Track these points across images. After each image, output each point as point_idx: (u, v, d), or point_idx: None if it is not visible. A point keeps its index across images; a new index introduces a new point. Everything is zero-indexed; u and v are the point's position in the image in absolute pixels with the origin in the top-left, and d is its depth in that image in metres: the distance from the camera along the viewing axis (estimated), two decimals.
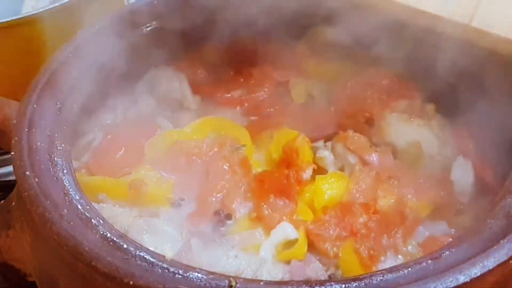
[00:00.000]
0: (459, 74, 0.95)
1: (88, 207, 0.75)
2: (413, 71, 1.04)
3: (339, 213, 0.82)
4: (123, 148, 0.95)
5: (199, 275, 0.67)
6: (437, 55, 0.96)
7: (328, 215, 0.83)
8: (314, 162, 0.91)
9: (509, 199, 0.75)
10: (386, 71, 1.02)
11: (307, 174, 0.88)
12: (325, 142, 0.96)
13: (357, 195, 0.85)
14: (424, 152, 0.92)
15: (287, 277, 0.77)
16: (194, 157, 0.91)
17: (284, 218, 0.83)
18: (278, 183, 0.86)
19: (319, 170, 0.92)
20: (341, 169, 0.93)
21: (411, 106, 0.99)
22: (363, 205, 0.83)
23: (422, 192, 0.86)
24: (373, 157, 0.91)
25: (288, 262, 0.79)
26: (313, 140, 0.95)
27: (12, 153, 0.80)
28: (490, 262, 0.65)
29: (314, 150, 0.93)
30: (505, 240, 0.68)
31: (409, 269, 0.67)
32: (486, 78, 0.93)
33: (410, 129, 0.95)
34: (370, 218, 0.82)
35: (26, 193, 0.75)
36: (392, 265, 0.72)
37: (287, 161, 0.90)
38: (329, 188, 0.87)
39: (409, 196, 0.85)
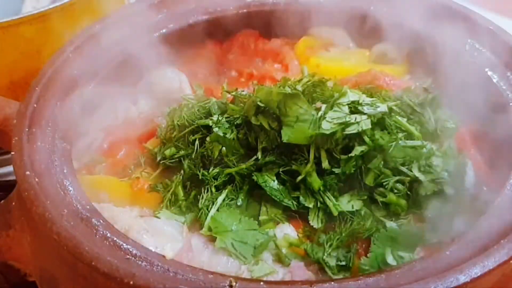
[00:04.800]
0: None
1: (88, 207, 0.75)
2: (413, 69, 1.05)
3: None
4: (124, 149, 0.95)
5: (199, 275, 0.67)
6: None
7: None
8: None
9: (509, 200, 0.75)
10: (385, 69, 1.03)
11: None
12: None
13: None
14: None
15: (287, 277, 0.77)
16: None
17: None
18: None
19: None
20: None
21: None
22: None
23: None
24: None
25: (288, 262, 0.79)
26: None
27: (12, 153, 0.80)
28: (490, 262, 0.65)
29: None
30: (505, 240, 0.68)
31: (410, 269, 0.67)
32: None
33: None
34: None
35: (26, 193, 0.75)
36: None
37: None
38: None
39: None
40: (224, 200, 0.82)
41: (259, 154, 0.84)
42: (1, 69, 1.14)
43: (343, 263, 0.77)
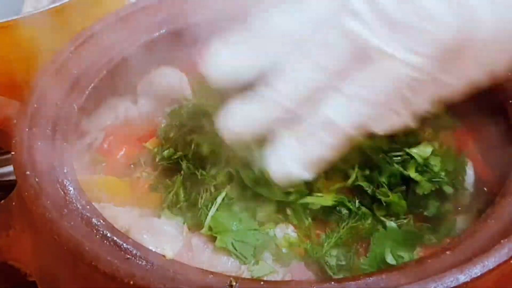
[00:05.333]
0: None
1: (88, 206, 0.75)
2: None
3: None
4: (124, 148, 0.95)
5: (199, 275, 0.67)
6: None
7: None
8: None
9: (509, 199, 0.75)
10: None
11: None
12: None
13: None
14: None
15: (287, 277, 0.77)
16: None
17: None
18: None
19: None
20: None
21: None
22: None
23: None
24: None
25: (288, 262, 0.79)
26: None
27: (12, 153, 0.80)
28: (490, 262, 0.65)
29: None
30: (506, 240, 0.68)
31: (410, 269, 0.67)
32: None
33: None
34: None
35: (26, 193, 0.75)
36: None
37: None
38: None
39: None
40: (223, 199, 0.82)
41: None
42: (1, 69, 1.14)
43: (343, 262, 0.77)
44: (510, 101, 0.90)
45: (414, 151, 0.83)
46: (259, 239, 0.79)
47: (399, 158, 0.83)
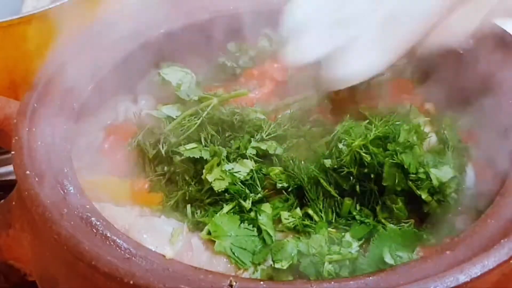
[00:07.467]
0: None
1: (88, 206, 0.75)
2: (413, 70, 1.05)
3: None
4: (124, 148, 0.95)
5: (199, 275, 0.67)
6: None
7: None
8: None
9: (509, 199, 0.75)
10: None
11: None
12: None
13: None
14: None
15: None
16: None
17: None
18: None
19: None
20: None
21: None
22: None
23: None
24: None
25: None
26: None
27: (12, 152, 0.80)
28: (490, 261, 0.65)
29: None
30: (505, 240, 0.68)
31: (410, 268, 0.67)
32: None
33: None
34: None
35: (26, 193, 0.75)
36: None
37: None
38: None
39: None
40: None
41: None
42: (1, 69, 1.14)
43: (345, 262, 0.77)
44: (510, 101, 0.90)
45: (433, 172, 0.80)
46: (258, 245, 0.78)
47: (414, 175, 0.80)
